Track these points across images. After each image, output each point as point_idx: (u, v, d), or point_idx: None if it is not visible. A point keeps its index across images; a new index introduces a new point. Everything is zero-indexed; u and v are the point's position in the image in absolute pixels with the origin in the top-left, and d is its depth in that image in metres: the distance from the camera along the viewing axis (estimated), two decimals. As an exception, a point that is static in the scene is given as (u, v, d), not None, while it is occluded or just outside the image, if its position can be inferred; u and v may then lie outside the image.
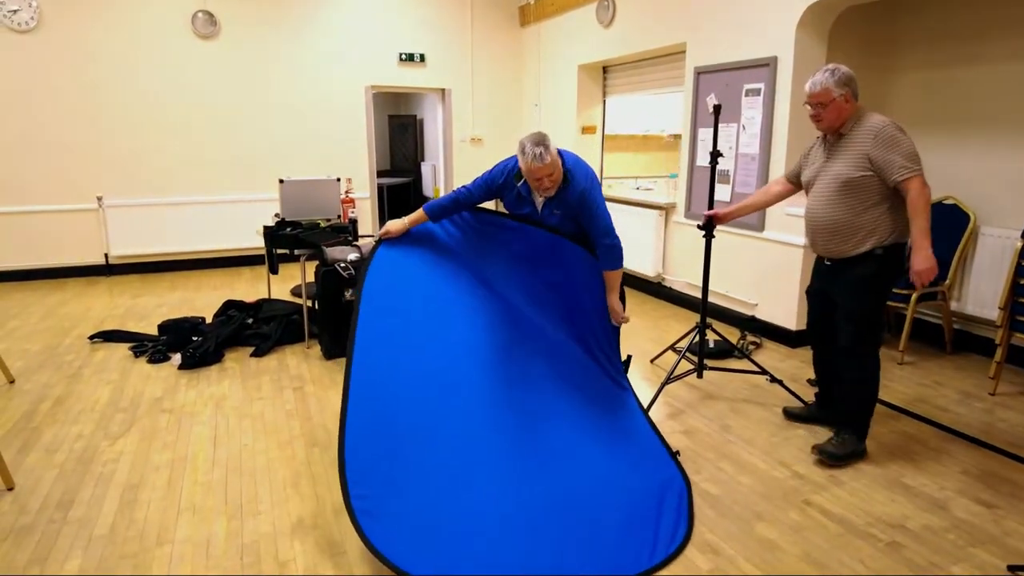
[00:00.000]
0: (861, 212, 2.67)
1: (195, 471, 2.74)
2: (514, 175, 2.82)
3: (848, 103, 2.68)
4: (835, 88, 2.65)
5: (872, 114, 2.68)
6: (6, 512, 2.44)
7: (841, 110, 2.68)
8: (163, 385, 3.68)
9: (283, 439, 3.03)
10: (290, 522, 2.38)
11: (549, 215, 2.84)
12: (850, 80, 2.67)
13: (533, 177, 2.67)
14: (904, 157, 2.56)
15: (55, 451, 2.91)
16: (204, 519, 2.40)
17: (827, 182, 2.74)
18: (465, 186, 2.87)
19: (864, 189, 2.65)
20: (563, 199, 2.78)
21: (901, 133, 2.59)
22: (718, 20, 4.69)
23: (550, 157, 2.60)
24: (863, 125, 2.66)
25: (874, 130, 2.61)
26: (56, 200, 6.12)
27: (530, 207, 2.86)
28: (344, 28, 6.91)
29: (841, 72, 2.67)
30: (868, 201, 2.67)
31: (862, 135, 2.65)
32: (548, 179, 2.67)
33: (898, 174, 2.56)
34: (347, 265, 3.99)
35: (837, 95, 2.65)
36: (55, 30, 5.87)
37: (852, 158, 2.67)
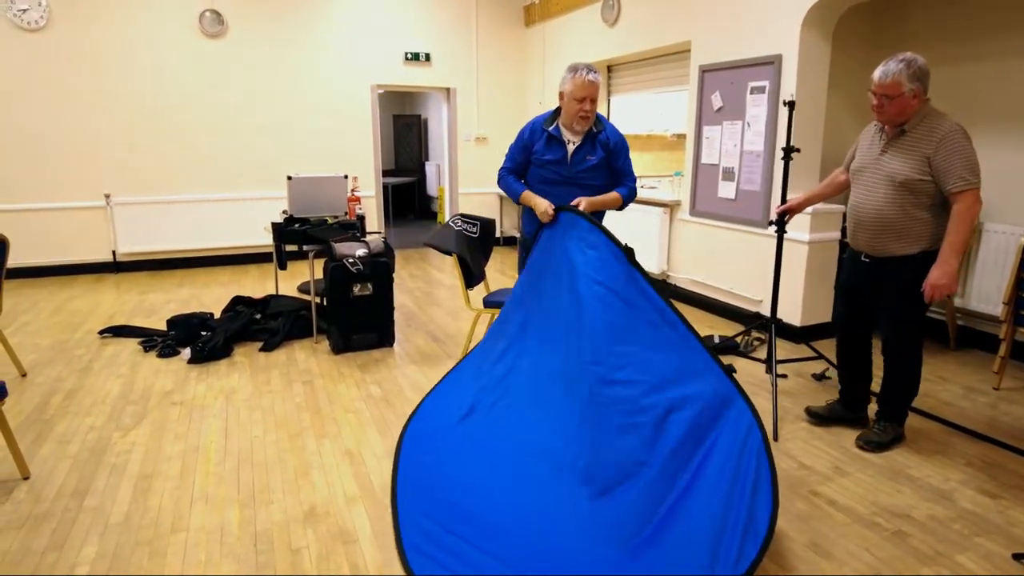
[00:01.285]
0: (914, 213, 2.57)
1: (207, 462, 2.78)
2: (543, 122, 3.04)
3: (916, 99, 2.52)
4: (907, 82, 2.48)
5: (940, 115, 2.52)
6: (23, 500, 2.47)
7: (907, 105, 2.52)
8: (173, 379, 3.71)
9: (293, 431, 3.06)
10: (302, 511, 2.41)
11: (581, 160, 2.96)
12: (924, 75, 2.49)
13: (578, 96, 2.83)
14: (964, 168, 2.45)
15: (68, 442, 2.95)
16: (217, 508, 2.43)
17: (882, 178, 2.63)
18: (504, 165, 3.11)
19: (921, 192, 2.55)
20: (598, 143, 2.98)
21: (967, 142, 2.46)
22: (723, 18, 4.72)
23: (598, 80, 2.85)
24: (930, 126, 2.51)
25: (940, 134, 2.47)
26: (64, 198, 6.16)
27: (562, 151, 2.97)
28: (350, 27, 6.95)
29: (917, 65, 2.48)
30: (923, 203, 2.57)
31: (927, 136, 2.51)
32: (591, 103, 2.86)
33: (953, 184, 2.46)
34: (355, 261, 4.02)
35: (907, 89, 2.49)
36: (64, 29, 5.91)
37: (913, 159, 2.54)
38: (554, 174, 3.01)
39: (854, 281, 2.87)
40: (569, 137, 2.99)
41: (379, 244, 4.19)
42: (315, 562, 2.12)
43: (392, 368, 3.89)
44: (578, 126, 2.94)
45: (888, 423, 2.88)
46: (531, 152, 3.05)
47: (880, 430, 2.87)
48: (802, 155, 4.30)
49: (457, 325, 4.78)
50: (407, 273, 6.62)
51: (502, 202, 8.09)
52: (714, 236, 4.99)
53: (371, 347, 4.22)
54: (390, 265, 4.14)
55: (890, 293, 2.72)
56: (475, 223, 3.93)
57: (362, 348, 4.19)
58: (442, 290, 5.86)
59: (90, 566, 2.09)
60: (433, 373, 3.81)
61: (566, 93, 2.90)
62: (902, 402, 2.84)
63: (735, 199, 4.72)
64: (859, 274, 2.83)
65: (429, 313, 5.11)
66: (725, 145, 4.78)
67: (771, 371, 3.56)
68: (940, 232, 2.58)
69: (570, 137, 2.99)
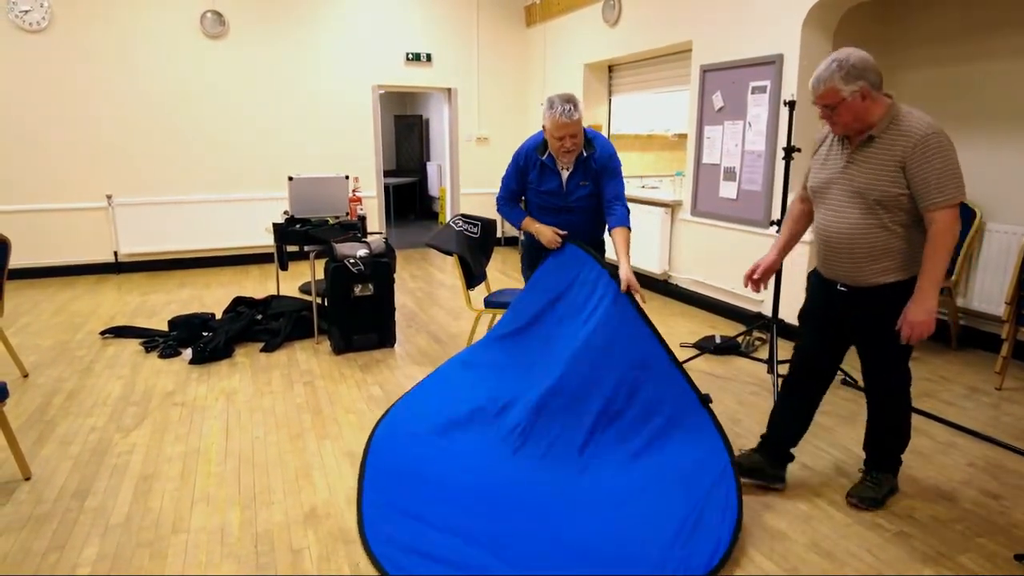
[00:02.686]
0: (897, 233, 2.15)
1: (208, 463, 2.78)
2: (536, 149, 2.89)
3: (868, 100, 2.10)
4: (844, 84, 2.08)
5: (912, 113, 2.10)
6: (24, 501, 2.48)
7: (857, 110, 2.11)
8: (174, 379, 3.71)
9: (294, 432, 3.06)
10: (303, 512, 2.41)
11: (576, 187, 2.90)
12: (865, 69, 2.08)
13: (556, 135, 2.70)
14: (944, 178, 2.03)
15: (70, 443, 2.95)
16: (218, 509, 2.43)
17: (851, 194, 2.19)
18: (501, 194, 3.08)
19: (900, 207, 2.12)
20: (589, 168, 2.86)
21: (949, 147, 2.04)
22: (724, 18, 4.71)
23: (578, 115, 2.67)
24: (900, 127, 2.09)
25: (916, 136, 2.05)
26: (66, 199, 6.17)
27: (556, 180, 2.90)
28: (351, 28, 6.95)
29: (850, 63, 2.08)
30: (905, 220, 2.14)
31: (899, 140, 2.08)
32: (571, 140, 2.71)
33: (931, 199, 2.05)
34: (356, 261, 4.02)
35: (848, 93, 2.09)
36: (66, 30, 5.92)
37: (885, 168, 2.10)
38: (550, 202, 2.98)
39: (829, 312, 2.39)
40: (562, 165, 2.94)
41: (380, 244, 4.19)
42: (316, 563, 2.12)
43: (393, 369, 3.89)
44: (563, 159, 2.85)
45: (881, 474, 2.49)
46: (527, 178, 3.01)
47: (873, 483, 2.46)
48: (803, 155, 4.30)
49: (458, 325, 4.77)
50: (408, 273, 6.62)
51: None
52: (715, 236, 4.98)
53: (372, 348, 4.22)
54: (391, 266, 4.14)
55: (876, 328, 2.28)
56: (476, 223, 3.93)
57: (363, 348, 4.19)
58: (443, 290, 5.86)
59: (91, 567, 2.10)
60: (434, 374, 3.80)
61: (546, 128, 2.78)
62: (895, 449, 2.47)
63: (736, 199, 4.72)
64: (834, 305, 2.36)
65: (430, 313, 5.11)
66: (726, 145, 4.78)
67: (772, 371, 3.55)
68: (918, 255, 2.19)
69: (563, 165, 2.94)
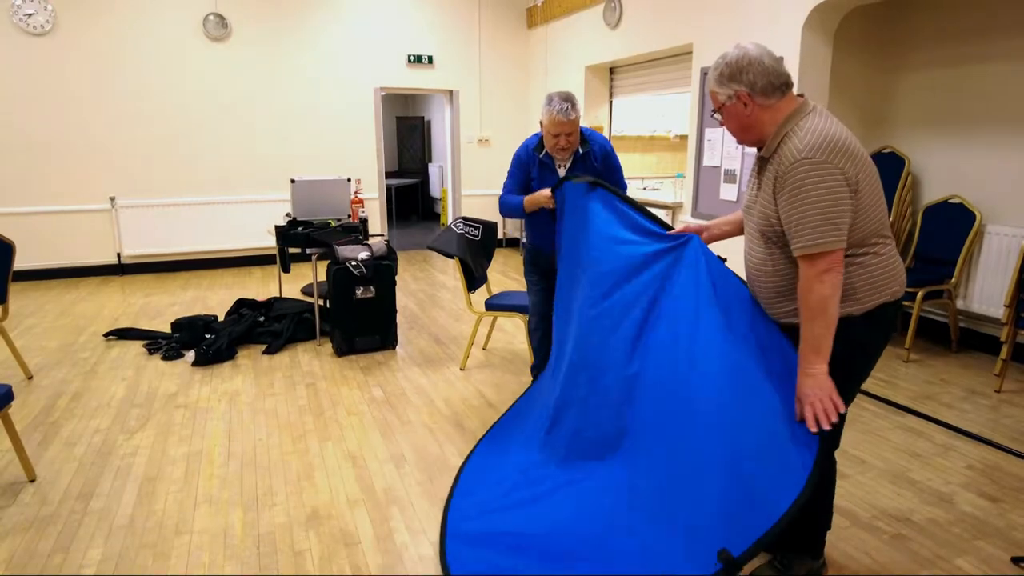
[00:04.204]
0: (794, 271, 1.76)
1: (211, 464, 2.80)
2: (535, 147, 2.92)
3: (751, 106, 1.70)
4: (720, 87, 1.73)
5: (804, 127, 1.65)
6: (28, 503, 2.50)
7: (740, 119, 1.73)
8: (177, 381, 3.74)
9: (296, 434, 3.08)
10: (304, 513, 2.43)
11: None
12: (741, 71, 1.68)
13: (552, 132, 2.73)
14: (803, 217, 1.61)
15: (74, 444, 2.98)
16: (221, 510, 2.45)
17: (753, 223, 1.83)
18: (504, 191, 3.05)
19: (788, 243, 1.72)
20: (587, 162, 2.90)
21: (818, 176, 1.58)
22: (724, 20, 4.72)
23: (575, 115, 2.70)
24: (787, 144, 1.66)
25: (786, 162, 1.63)
26: (69, 201, 6.21)
27: (554, 178, 2.95)
28: (353, 30, 6.98)
29: (726, 60, 1.71)
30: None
31: (782, 165, 1.66)
32: (566, 138, 2.75)
33: (793, 243, 1.66)
34: (358, 263, 4.04)
35: (725, 96, 1.73)
36: (70, 33, 5.96)
37: (767, 196, 1.73)
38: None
39: None
40: (559, 163, 2.97)
41: (381, 247, 4.21)
42: (317, 564, 2.14)
43: (395, 371, 3.91)
44: (558, 156, 2.88)
45: (794, 557, 2.03)
46: (529, 176, 3.03)
47: (781, 567, 2.03)
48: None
49: (459, 328, 4.79)
50: (410, 275, 6.64)
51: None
52: (716, 238, 4.99)
53: (374, 349, 4.24)
54: (392, 268, 4.16)
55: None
56: (477, 226, 3.95)
57: (365, 350, 4.21)
58: (445, 292, 5.88)
59: (96, 568, 2.12)
60: (436, 376, 3.83)
61: (543, 125, 2.81)
62: (812, 527, 1.99)
63: (737, 201, 4.73)
64: None
65: (431, 315, 5.13)
66: (727, 147, 4.79)
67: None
68: (858, 285, 1.73)
69: (560, 163, 2.97)
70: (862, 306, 1.74)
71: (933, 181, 4.46)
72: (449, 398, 3.50)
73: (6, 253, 3.56)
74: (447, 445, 2.97)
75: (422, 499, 2.52)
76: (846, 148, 1.62)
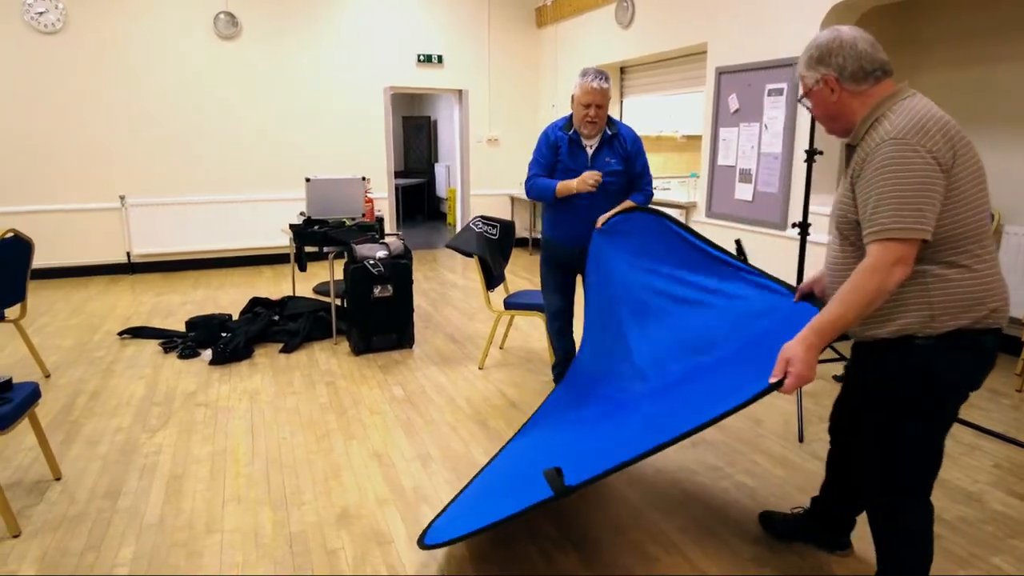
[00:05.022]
0: None
1: (236, 463, 2.79)
2: (563, 126, 2.99)
3: (838, 92, 1.60)
4: (808, 70, 1.65)
5: (898, 109, 1.52)
6: (56, 501, 2.49)
7: (828, 105, 1.64)
8: (195, 380, 3.73)
9: (320, 432, 3.07)
10: (335, 512, 2.42)
11: (603, 164, 2.95)
12: (830, 53, 1.59)
13: (584, 102, 2.80)
14: (886, 201, 1.46)
15: (97, 443, 2.96)
16: (250, 509, 2.44)
17: (836, 219, 1.69)
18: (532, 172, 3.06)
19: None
20: (615, 146, 2.96)
21: (904, 155, 1.45)
22: (740, 20, 4.72)
23: (607, 86, 2.80)
24: (875, 129, 1.54)
25: (873, 143, 1.51)
26: (80, 199, 6.19)
27: (583, 155, 2.97)
28: (363, 29, 6.97)
29: (816, 43, 1.62)
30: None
31: (867, 149, 1.53)
32: (596, 110, 2.81)
33: (866, 227, 1.51)
34: (376, 262, 4.03)
35: (812, 82, 1.65)
36: (81, 31, 5.94)
37: (846, 188, 1.63)
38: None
39: (851, 364, 1.86)
40: (587, 141, 2.99)
41: (398, 246, 4.20)
42: (352, 564, 2.13)
43: (413, 370, 3.90)
44: (585, 130, 2.92)
45: None
46: (556, 155, 3.04)
47: None
48: (822, 158, 4.31)
49: (474, 326, 4.78)
50: (420, 275, 6.63)
51: (514, 203, 8.10)
52: (731, 237, 4.99)
53: (391, 348, 4.23)
54: (410, 267, 4.15)
55: (864, 396, 1.76)
56: (495, 225, 3.94)
57: (382, 349, 4.20)
58: (455, 291, 5.87)
59: (129, 567, 2.11)
60: (455, 374, 3.82)
61: (575, 97, 2.90)
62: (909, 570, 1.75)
63: (752, 201, 4.73)
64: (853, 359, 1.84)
65: (445, 314, 5.12)
66: (742, 147, 4.79)
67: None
68: (938, 302, 1.52)
69: (587, 141, 2.99)
70: (933, 326, 1.52)
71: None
72: (470, 397, 3.49)
73: (25, 251, 3.54)
74: (472, 444, 2.96)
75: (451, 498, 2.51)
76: (943, 129, 1.47)
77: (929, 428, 1.61)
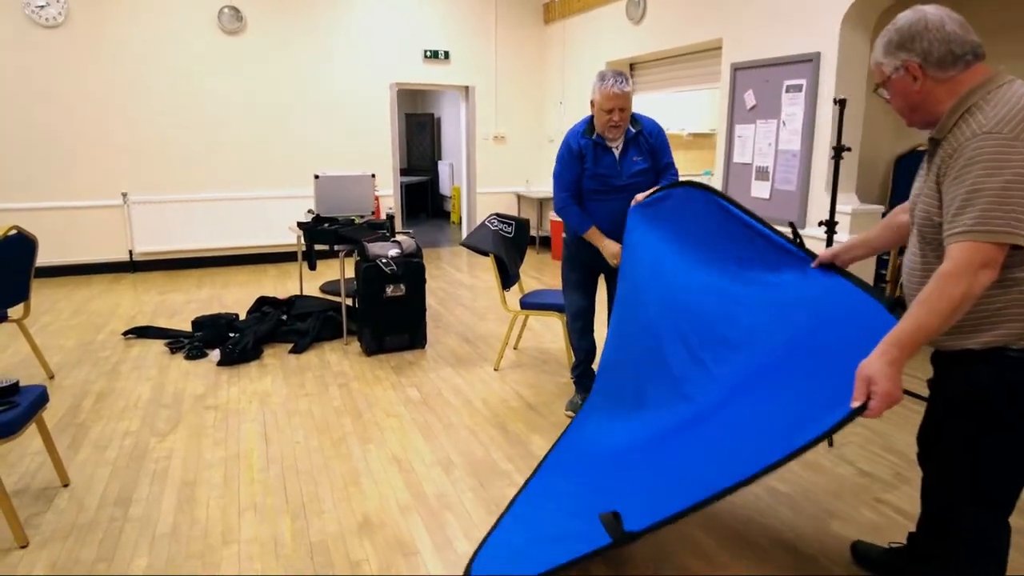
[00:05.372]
0: None
1: (250, 469, 2.70)
2: (582, 133, 2.89)
3: (922, 80, 1.47)
4: (884, 57, 1.52)
5: (993, 99, 1.40)
6: (65, 509, 2.39)
7: (910, 95, 1.50)
8: (204, 382, 3.63)
9: (336, 436, 2.98)
10: (355, 521, 2.33)
11: (631, 164, 2.86)
12: (912, 37, 1.46)
13: (606, 107, 2.71)
14: (972, 199, 1.35)
15: (105, 447, 2.87)
16: (267, 518, 2.35)
17: (917, 219, 1.57)
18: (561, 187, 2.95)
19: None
20: (641, 143, 2.87)
21: (999, 151, 1.33)
22: (757, 15, 4.64)
23: (629, 88, 2.70)
24: (967, 121, 1.41)
25: (964, 137, 1.40)
26: (81, 196, 6.08)
27: (609, 157, 2.87)
28: (369, 24, 6.87)
29: (897, 25, 1.50)
30: None
31: (956, 143, 1.41)
32: (620, 113, 2.72)
33: (946, 225, 1.41)
34: (388, 261, 3.94)
35: (891, 69, 1.52)
36: (82, 26, 5.83)
37: (929, 185, 1.50)
38: (603, 185, 2.89)
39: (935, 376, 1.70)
40: (611, 143, 2.89)
41: (411, 244, 4.11)
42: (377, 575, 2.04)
43: (427, 371, 3.81)
44: (609, 134, 2.82)
45: None
46: (582, 165, 2.94)
47: None
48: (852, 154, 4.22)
49: (485, 326, 4.69)
50: (427, 274, 6.52)
51: (520, 201, 8.01)
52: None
53: (403, 349, 4.14)
54: (423, 265, 4.06)
55: (943, 408, 1.63)
56: (510, 223, 3.85)
57: (394, 350, 4.11)
58: (464, 291, 5.78)
59: (144, 579, 2.02)
60: (470, 376, 3.73)
61: (595, 103, 2.78)
62: None
63: (770, 198, 4.65)
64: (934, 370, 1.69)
65: (455, 314, 5.03)
66: (759, 144, 4.70)
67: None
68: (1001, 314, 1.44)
69: (612, 143, 2.89)
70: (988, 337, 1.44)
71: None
72: (487, 399, 3.41)
73: (29, 249, 3.44)
74: (493, 449, 2.87)
75: (477, 506, 2.43)
76: None
77: (1019, 442, 1.51)
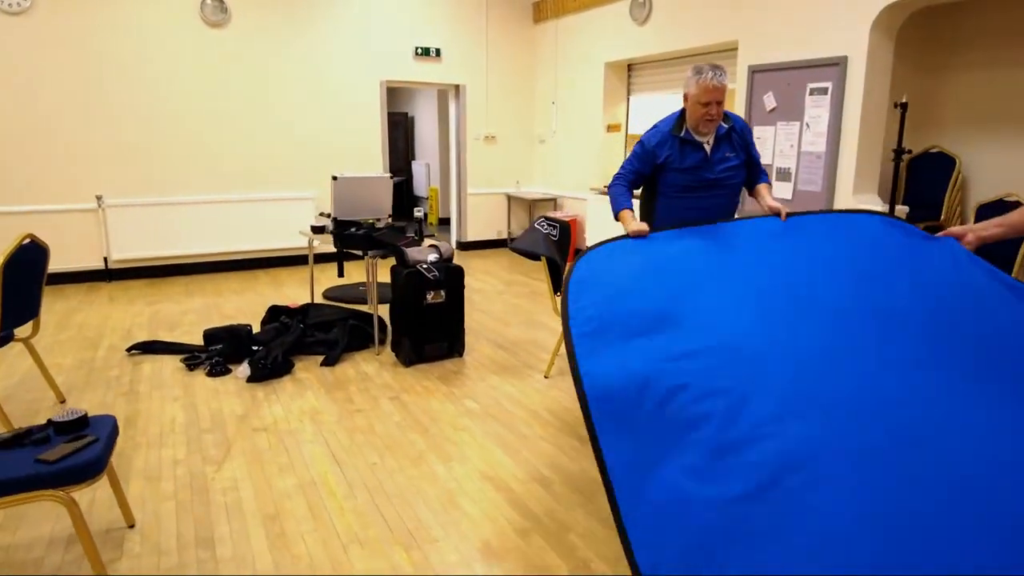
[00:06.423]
0: None
1: (333, 496, 2.48)
2: (671, 129, 2.84)
3: None
4: None
5: None
6: (140, 553, 2.12)
7: None
8: (239, 401, 3.35)
9: (412, 455, 2.79)
10: (475, 547, 2.17)
11: (722, 159, 2.82)
12: None
13: (703, 101, 2.68)
14: None
15: (157, 479, 2.58)
16: (378, 551, 2.15)
17: None
18: (622, 171, 2.85)
19: None
20: (732, 138, 2.84)
21: None
22: (776, 18, 4.69)
23: (726, 80, 2.68)
24: None
25: None
26: (52, 199, 5.55)
27: (700, 153, 2.81)
28: (359, 19, 6.59)
29: None
30: None
31: None
32: (716, 107, 2.70)
33: None
34: (430, 267, 3.75)
35: None
36: (51, 12, 5.32)
37: None
38: (694, 180, 2.83)
39: None
40: (702, 139, 2.84)
41: (448, 248, 3.94)
42: (526, 608, 1.90)
43: (476, 380, 3.64)
44: (703, 128, 2.78)
45: None
46: (656, 163, 2.87)
47: None
48: (863, 159, 4.32)
49: (513, 332, 4.55)
50: (427, 277, 6.32)
51: (510, 203, 7.88)
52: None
53: (442, 357, 3.95)
54: (463, 270, 3.89)
55: None
56: (555, 225, 3.74)
57: (433, 359, 3.92)
58: (475, 295, 5.62)
59: (272, 631, 1.80)
60: (522, 384, 3.59)
61: (690, 96, 2.74)
62: None
63: (792, 199, 4.71)
64: None
65: (476, 319, 4.86)
66: (780, 145, 4.76)
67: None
68: None
69: (703, 139, 2.84)
70: None
71: (983, 180, 4.57)
72: (551, 408, 3.28)
73: (42, 258, 3.08)
74: (581, 460, 2.76)
75: (594, 522, 2.31)
76: None
77: None
